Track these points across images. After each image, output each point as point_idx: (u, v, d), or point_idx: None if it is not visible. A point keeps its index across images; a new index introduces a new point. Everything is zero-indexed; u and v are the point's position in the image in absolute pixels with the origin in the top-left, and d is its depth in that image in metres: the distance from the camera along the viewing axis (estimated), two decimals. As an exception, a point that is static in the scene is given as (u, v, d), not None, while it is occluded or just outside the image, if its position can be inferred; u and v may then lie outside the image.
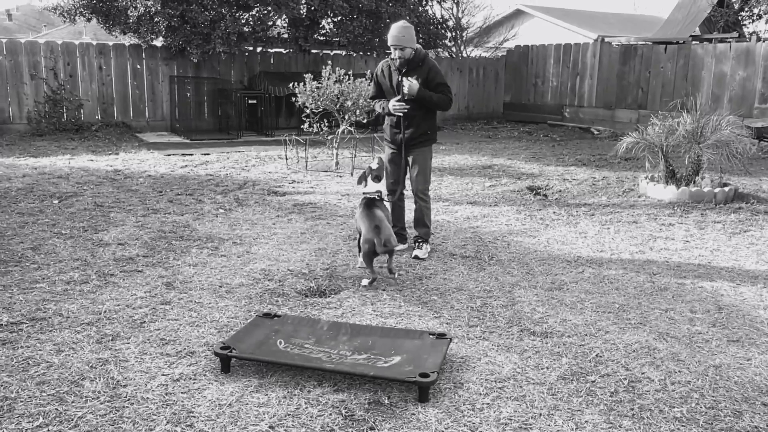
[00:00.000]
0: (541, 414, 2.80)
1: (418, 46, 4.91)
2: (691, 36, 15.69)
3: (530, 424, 2.72)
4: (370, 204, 4.63)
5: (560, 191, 7.80)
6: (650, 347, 3.48)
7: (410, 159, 5.09)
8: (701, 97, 12.71)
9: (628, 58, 14.82)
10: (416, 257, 5.00)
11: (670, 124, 7.52)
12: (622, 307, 4.07)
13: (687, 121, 7.38)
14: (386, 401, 2.86)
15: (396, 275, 4.51)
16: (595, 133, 14.74)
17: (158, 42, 13.02)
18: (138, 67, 13.17)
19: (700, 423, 2.76)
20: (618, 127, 14.48)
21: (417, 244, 5.15)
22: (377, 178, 4.72)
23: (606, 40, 15.66)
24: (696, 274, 4.75)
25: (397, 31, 4.73)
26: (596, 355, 3.37)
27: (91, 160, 9.39)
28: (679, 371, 3.22)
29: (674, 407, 2.88)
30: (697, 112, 7.45)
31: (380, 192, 4.71)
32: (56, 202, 6.65)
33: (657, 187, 7.36)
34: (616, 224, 6.23)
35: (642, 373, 3.18)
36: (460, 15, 18.69)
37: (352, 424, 2.69)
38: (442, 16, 17.23)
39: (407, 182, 5.23)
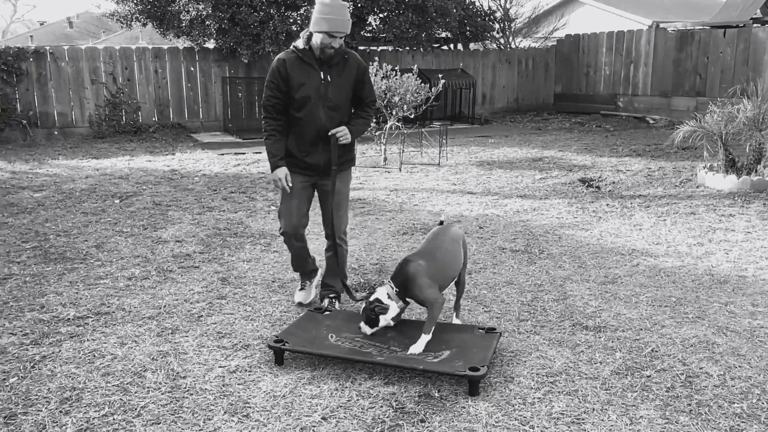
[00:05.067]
0: (594, 409, 2.76)
1: None
2: (752, 19, 15.01)
3: (583, 419, 2.69)
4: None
5: (614, 183, 7.62)
6: (709, 342, 3.39)
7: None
8: (763, 82, 12.15)
9: (684, 44, 14.30)
10: (328, 309, 3.75)
11: (729, 111, 7.25)
12: (679, 301, 3.96)
13: (747, 108, 7.11)
14: (436, 394, 2.88)
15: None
16: (651, 122, 14.31)
17: (210, 44, 13.34)
18: (191, 69, 13.53)
19: (762, 419, 2.67)
20: (674, 115, 14.01)
21: (330, 300, 3.94)
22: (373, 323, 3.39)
23: (661, 26, 15.15)
24: (758, 267, 4.58)
25: (343, 13, 3.53)
26: (652, 350, 3.30)
27: (149, 161, 9.72)
28: (739, 366, 3.12)
29: (734, 403, 2.79)
30: (758, 97, 7.17)
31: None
32: (117, 201, 6.92)
33: (716, 177, 7.11)
34: (673, 216, 6.05)
35: (700, 368, 3.10)
36: (508, 6, 18.40)
37: (403, 416, 2.72)
38: (490, 8, 17.02)
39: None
